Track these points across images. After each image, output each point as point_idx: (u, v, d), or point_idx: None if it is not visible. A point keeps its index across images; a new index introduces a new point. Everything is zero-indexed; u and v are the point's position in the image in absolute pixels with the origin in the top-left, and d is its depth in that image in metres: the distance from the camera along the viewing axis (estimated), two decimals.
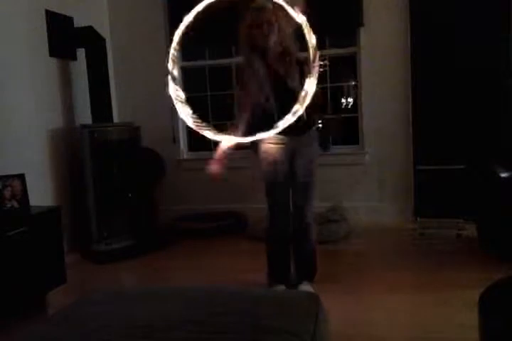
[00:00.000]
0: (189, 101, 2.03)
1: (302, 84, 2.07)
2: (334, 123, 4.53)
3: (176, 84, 2.06)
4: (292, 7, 2.03)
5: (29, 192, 3.13)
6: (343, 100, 4.69)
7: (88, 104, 4.14)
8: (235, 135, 2.36)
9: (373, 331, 2.42)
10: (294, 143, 2.76)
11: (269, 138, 2.77)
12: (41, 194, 3.65)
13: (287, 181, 2.85)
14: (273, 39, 2.61)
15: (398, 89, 4.33)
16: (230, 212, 4.58)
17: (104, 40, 4.26)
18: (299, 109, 1.97)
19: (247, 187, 4.48)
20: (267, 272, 2.95)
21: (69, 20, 4.16)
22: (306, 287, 2.84)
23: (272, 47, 2.64)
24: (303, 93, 1.97)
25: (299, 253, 2.93)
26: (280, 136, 2.68)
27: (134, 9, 4.84)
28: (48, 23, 3.93)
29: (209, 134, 2.13)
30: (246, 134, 2.32)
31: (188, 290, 1.86)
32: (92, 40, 4.18)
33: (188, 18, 2.08)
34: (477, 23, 4.01)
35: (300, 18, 1.97)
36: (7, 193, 3.01)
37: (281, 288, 2.85)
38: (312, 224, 2.90)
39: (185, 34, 2.10)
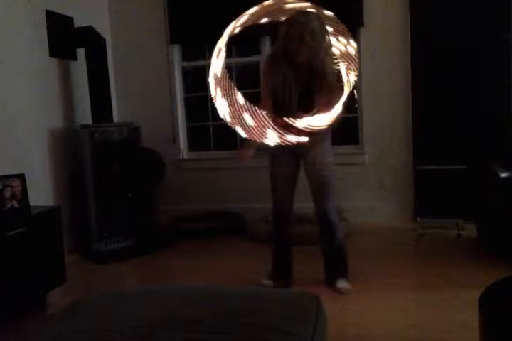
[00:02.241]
0: (189, 101, 2.05)
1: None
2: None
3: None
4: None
5: (29, 192, 3.13)
6: None
7: (88, 104, 4.14)
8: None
9: (373, 331, 2.42)
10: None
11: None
12: (41, 194, 3.65)
13: (293, 181, 2.90)
14: (304, 53, 2.60)
15: (398, 90, 4.33)
16: (230, 212, 4.58)
17: (104, 40, 4.26)
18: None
19: (247, 187, 4.48)
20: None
21: (69, 20, 4.16)
22: (342, 284, 2.89)
23: (300, 61, 2.66)
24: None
25: (326, 252, 2.98)
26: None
27: (134, 9, 4.84)
28: (48, 23, 3.92)
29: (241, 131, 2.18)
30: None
31: (188, 290, 1.86)
32: (92, 40, 4.18)
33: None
34: (477, 22, 4.01)
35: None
36: (7, 193, 3.01)
37: (269, 283, 2.93)
38: (335, 222, 2.93)
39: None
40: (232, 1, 4.53)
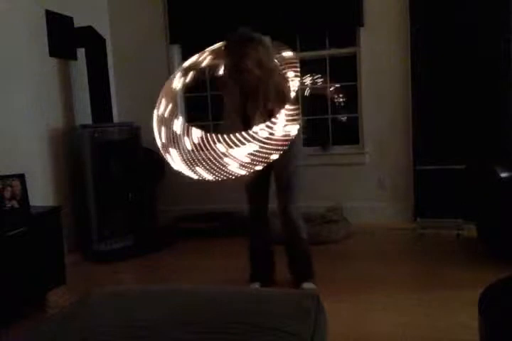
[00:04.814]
0: (189, 101, 2.00)
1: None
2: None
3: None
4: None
5: (29, 192, 3.13)
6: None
7: (88, 104, 4.14)
8: None
9: (373, 331, 2.42)
10: None
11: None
12: (41, 194, 3.65)
13: (264, 183, 2.88)
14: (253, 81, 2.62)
15: (398, 89, 4.33)
16: (230, 212, 4.58)
17: (104, 40, 4.26)
18: None
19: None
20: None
21: (69, 20, 4.16)
22: (308, 285, 2.88)
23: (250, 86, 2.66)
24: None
25: (292, 254, 2.97)
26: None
27: (134, 9, 4.84)
28: (48, 23, 3.93)
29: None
30: None
31: (188, 290, 1.86)
32: (92, 40, 4.18)
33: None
34: (477, 23, 4.00)
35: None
36: (7, 193, 3.01)
37: (255, 286, 2.92)
38: (300, 224, 2.91)
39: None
40: (231, 1, 4.54)
